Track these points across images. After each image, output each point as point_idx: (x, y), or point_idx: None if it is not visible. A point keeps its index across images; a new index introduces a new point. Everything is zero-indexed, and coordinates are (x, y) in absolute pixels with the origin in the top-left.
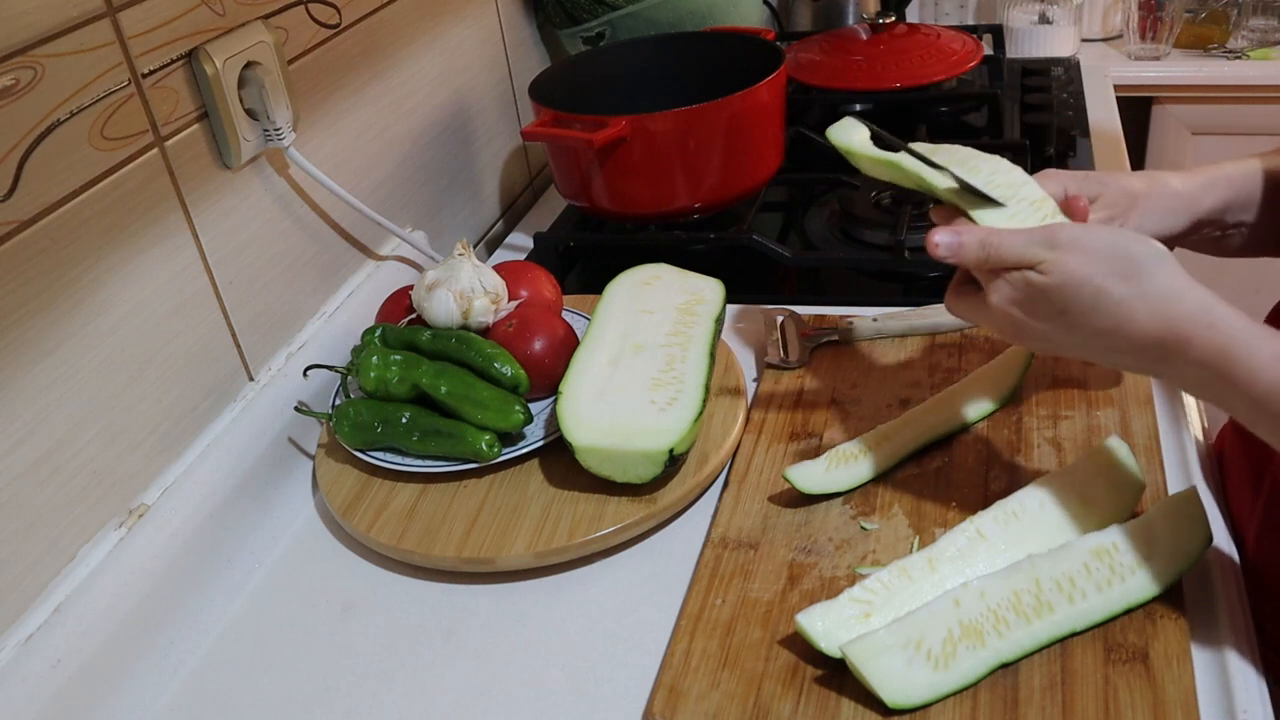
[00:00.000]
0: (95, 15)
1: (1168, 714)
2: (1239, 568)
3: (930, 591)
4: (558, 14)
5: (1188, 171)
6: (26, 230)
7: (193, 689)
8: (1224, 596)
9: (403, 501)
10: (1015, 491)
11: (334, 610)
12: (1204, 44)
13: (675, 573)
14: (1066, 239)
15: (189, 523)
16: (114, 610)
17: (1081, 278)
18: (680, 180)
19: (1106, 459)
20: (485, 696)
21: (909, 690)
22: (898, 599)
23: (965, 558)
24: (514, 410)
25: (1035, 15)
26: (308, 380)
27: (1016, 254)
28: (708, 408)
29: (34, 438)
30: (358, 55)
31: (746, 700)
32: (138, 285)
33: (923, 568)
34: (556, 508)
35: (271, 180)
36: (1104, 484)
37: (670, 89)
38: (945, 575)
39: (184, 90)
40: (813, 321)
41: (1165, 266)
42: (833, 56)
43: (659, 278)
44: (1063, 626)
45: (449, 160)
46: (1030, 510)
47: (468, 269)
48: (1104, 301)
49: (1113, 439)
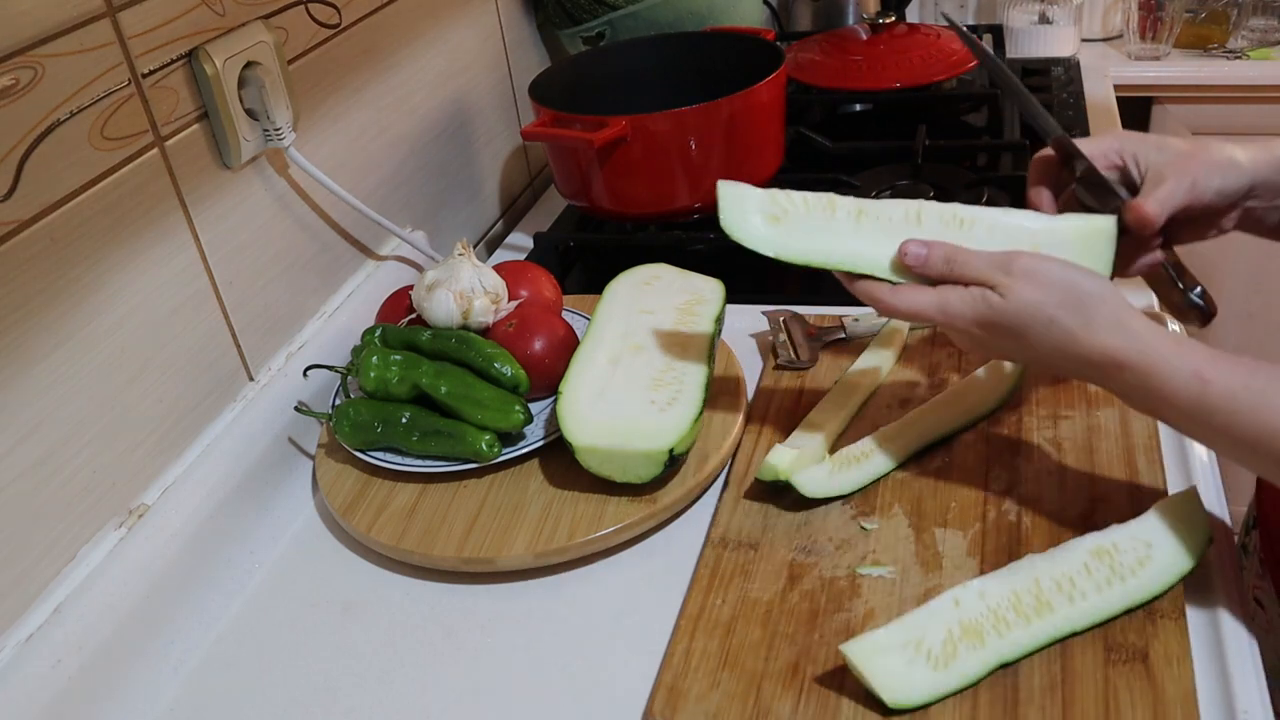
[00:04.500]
0: (95, 15)
1: (1168, 714)
2: (1239, 568)
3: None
4: (558, 14)
5: (1241, 144)
6: (27, 230)
7: (193, 689)
8: (1224, 596)
9: (403, 501)
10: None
11: (334, 610)
12: (1204, 44)
13: (675, 573)
14: (1021, 269)
15: (189, 523)
16: (114, 610)
17: (1035, 304)
18: (680, 180)
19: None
20: (485, 696)
21: (909, 690)
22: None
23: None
24: (514, 410)
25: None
26: (308, 380)
27: (976, 272)
28: (708, 408)
29: (34, 438)
30: (358, 55)
31: (746, 700)
32: (138, 285)
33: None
34: (556, 508)
35: (271, 180)
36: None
37: (670, 89)
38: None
39: (184, 90)
40: (814, 321)
41: (1108, 300)
42: (833, 56)
43: (659, 278)
44: (1063, 626)
45: (449, 160)
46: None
47: (468, 269)
48: (1055, 329)
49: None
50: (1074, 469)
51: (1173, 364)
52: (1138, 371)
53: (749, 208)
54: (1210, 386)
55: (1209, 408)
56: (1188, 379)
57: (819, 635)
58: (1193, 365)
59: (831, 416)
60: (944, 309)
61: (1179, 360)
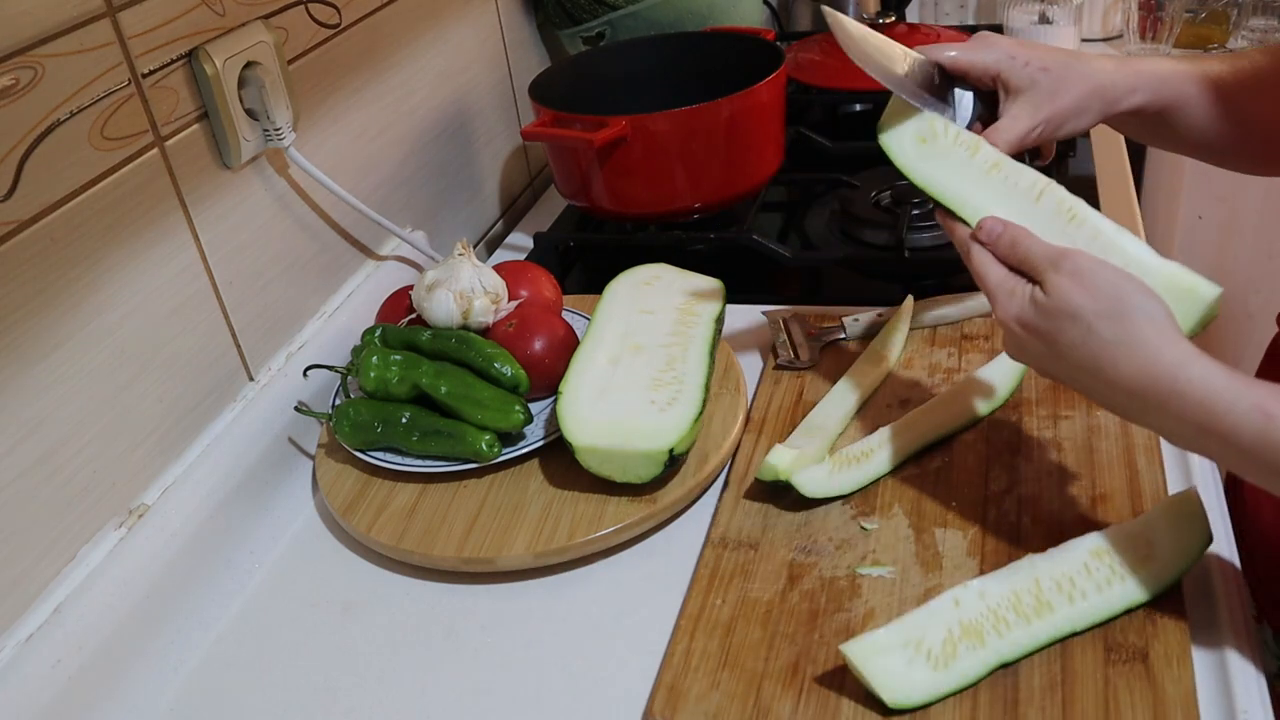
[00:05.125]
0: (95, 15)
1: (1168, 714)
2: (1239, 567)
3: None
4: (558, 14)
5: (1115, 63)
6: (26, 230)
7: (193, 689)
8: (1224, 596)
9: (403, 501)
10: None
11: (334, 610)
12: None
13: (675, 573)
14: (1071, 266)
15: (189, 523)
16: (114, 610)
17: (1075, 308)
18: (680, 180)
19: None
20: (485, 696)
21: (909, 690)
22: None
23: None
24: (514, 410)
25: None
26: (308, 380)
27: (1034, 261)
28: (708, 408)
29: (34, 437)
30: (358, 55)
31: (746, 700)
32: (138, 285)
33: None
34: (556, 508)
35: (271, 180)
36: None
37: (670, 89)
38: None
39: (184, 90)
40: (814, 321)
41: (1156, 320)
42: (833, 56)
43: (659, 278)
44: (1063, 626)
45: (449, 160)
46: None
47: (468, 269)
48: (1092, 340)
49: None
50: (1074, 469)
51: (1232, 397)
52: (1190, 403)
53: (908, 125)
54: (1275, 422)
55: (1274, 443)
56: (1249, 413)
57: (819, 635)
58: (1254, 398)
59: (831, 416)
60: (997, 289)
61: (1239, 393)
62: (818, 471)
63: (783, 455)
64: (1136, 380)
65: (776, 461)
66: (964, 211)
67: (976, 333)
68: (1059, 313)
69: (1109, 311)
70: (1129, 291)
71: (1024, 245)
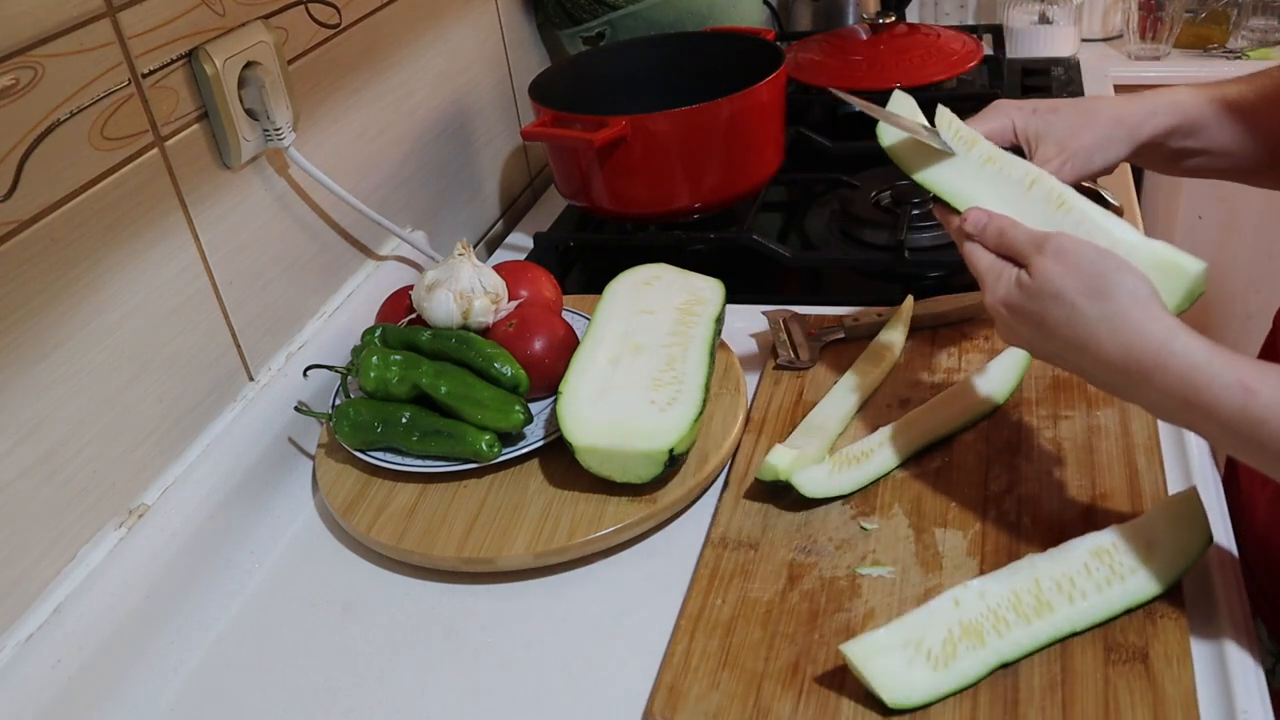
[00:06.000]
0: (95, 15)
1: (1168, 714)
2: (1239, 568)
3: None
4: (558, 14)
5: (1129, 96)
6: (26, 230)
7: (193, 689)
8: (1224, 596)
9: (403, 501)
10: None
11: (334, 610)
12: (1204, 44)
13: (675, 573)
14: (1054, 247)
15: (189, 523)
16: (114, 610)
17: (1058, 288)
18: (680, 180)
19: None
20: (485, 696)
21: (909, 690)
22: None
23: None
24: (514, 410)
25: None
26: (308, 380)
27: (1019, 246)
28: (708, 408)
29: (34, 438)
30: (358, 55)
31: (746, 700)
32: (138, 285)
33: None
34: (556, 508)
35: (271, 180)
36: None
37: (670, 89)
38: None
39: (184, 90)
40: (814, 321)
41: (1139, 296)
42: (833, 56)
43: (659, 278)
44: (1063, 626)
45: (449, 160)
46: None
47: (468, 269)
48: (1076, 319)
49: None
50: (1074, 469)
51: (1213, 371)
52: (1173, 377)
53: (904, 119)
54: (1255, 398)
55: (1254, 419)
56: (1230, 388)
57: (819, 635)
58: (1235, 374)
59: (831, 416)
60: (985, 274)
61: (1220, 368)
62: (818, 471)
63: (783, 455)
64: (1122, 356)
65: (776, 461)
66: (959, 204)
67: (976, 333)
68: (1043, 293)
69: (1092, 289)
70: (1111, 269)
71: (1009, 234)
